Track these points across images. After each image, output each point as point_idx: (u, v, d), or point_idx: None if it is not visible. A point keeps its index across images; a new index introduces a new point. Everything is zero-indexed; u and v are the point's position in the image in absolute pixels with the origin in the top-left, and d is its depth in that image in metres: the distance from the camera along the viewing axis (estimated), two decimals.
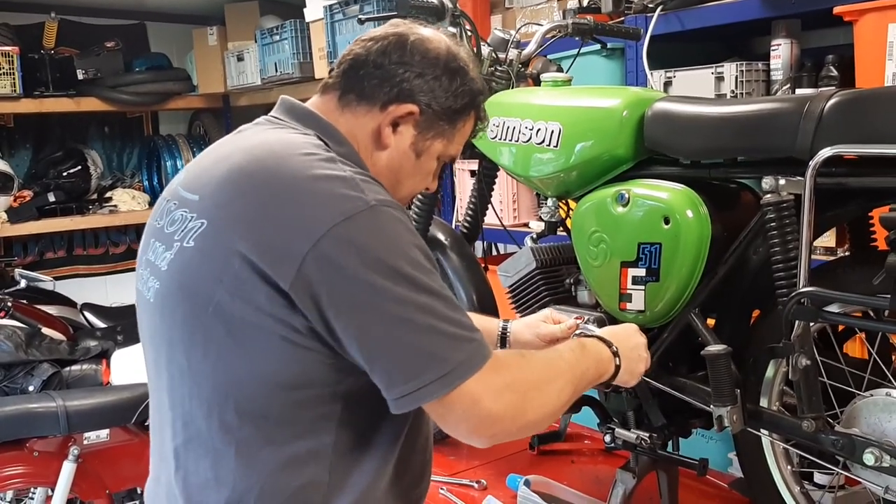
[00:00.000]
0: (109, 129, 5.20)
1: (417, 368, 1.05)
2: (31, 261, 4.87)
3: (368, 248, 1.05)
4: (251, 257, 1.05)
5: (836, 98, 1.33)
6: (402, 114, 1.21)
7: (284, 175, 1.09)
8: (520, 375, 1.16)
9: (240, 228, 1.07)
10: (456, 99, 1.24)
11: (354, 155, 1.21)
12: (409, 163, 1.25)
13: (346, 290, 1.04)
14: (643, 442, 1.66)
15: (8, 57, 4.26)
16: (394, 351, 1.06)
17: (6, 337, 3.07)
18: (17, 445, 2.62)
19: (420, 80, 1.21)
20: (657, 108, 1.58)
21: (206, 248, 1.10)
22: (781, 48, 2.24)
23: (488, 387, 1.09)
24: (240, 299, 1.06)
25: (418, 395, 1.06)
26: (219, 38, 4.72)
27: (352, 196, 1.07)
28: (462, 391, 1.07)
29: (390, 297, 1.05)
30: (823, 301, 1.35)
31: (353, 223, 1.05)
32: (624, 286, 1.60)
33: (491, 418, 1.10)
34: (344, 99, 1.23)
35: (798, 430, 1.42)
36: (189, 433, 1.15)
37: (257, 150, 1.14)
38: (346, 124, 1.23)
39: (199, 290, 1.10)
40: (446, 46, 1.25)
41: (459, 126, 1.28)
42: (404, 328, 1.05)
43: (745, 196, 1.62)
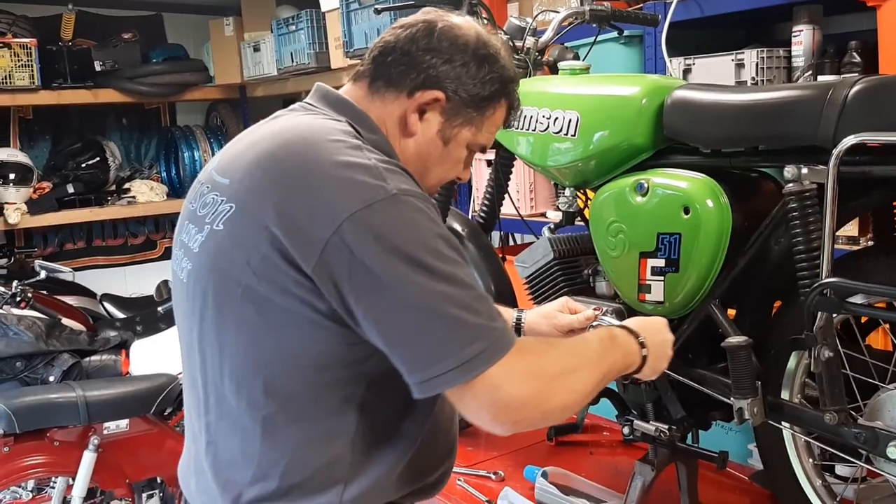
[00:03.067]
0: (127, 121, 5.22)
1: (437, 355, 1.06)
2: (50, 252, 4.91)
3: (387, 235, 1.06)
4: (277, 240, 1.08)
5: (860, 85, 1.30)
6: (428, 100, 1.22)
7: (310, 160, 1.11)
8: (544, 362, 1.15)
9: (267, 212, 1.09)
10: (484, 86, 1.24)
11: (384, 142, 1.22)
12: (437, 150, 1.26)
13: (364, 276, 1.06)
14: (662, 434, 1.64)
15: (26, 49, 4.29)
16: (413, 337, 1.07)
17: (27, 327, 3.09)
18: (37, 435, 2.65)
19: (447, 67, 1.21)
20: (676, 96, 1.56)
21: (236, 231, 1.13)
22: (803, 34, 2.21)
23: (511, 373, 1.09)
24: (267, 281, 1.09)
25: (439, 382, 1.07)
26: (235, 29, 4.72)
27: (373, 184, 1.08)
28: (484, 379, 1.07)
29: (409, 284, 1.05)
30: (846, 292, 1.33)
31: (373, 211, 1.06)
32: (643, 277, 1.58)
33: (513, 405, 1.10)
34: (374, 86, 1.24)
35: (820, 423, 1.40)
36: (220, 410, 1.19)
37: (287, 134, 1.16)
38: (376, 111, 1.24)
39: (228, 272, 1.13)
40: (476, 33, 1.25)
41: (489, 114, 1.27)
42: (423, 315, 1.06)
43: (767, 185, 1.60)
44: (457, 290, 1.08)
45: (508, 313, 1.60)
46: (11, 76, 4.27)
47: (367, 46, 3.92)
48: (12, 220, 4.27)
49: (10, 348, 3.04)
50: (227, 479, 1.19)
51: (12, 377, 3.05)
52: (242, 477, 1.17)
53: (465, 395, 1.08)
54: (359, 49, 3.64)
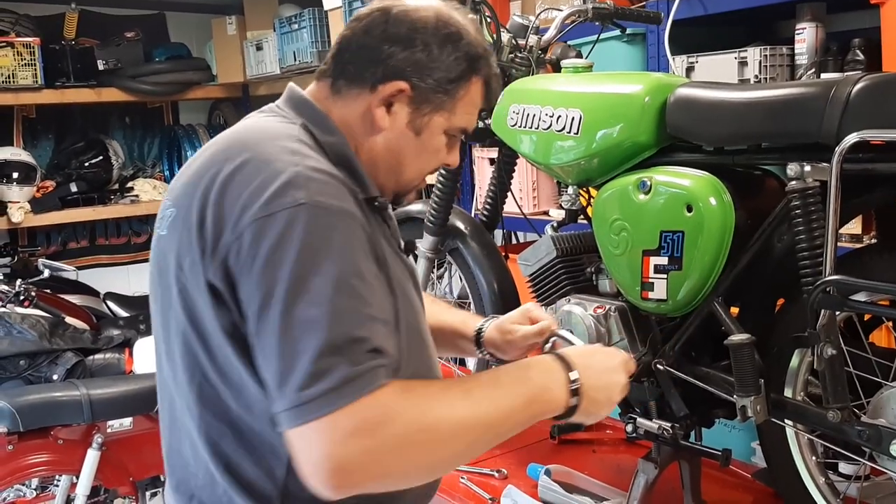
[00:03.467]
0: (130, 120, 5.23)
1: (282, 387, 0.98)
2: (54, 251, 4.92)
3: (280, 246, 1.00)
4: (198, 244, 1.06)
5: (863, 82, 1.30)
6: (392, 92, 1.16)
7: (239, 162, 1.07)
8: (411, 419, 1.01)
9: (196, 213, 1.07)
10: (451, 68, 1.17)
11: (342, 145, 1.16)
12: (410, 143, 1.20)
13: (250, 283, 1.01)
14: (665, 432, 1.64)
15: (29, 48, 4.30)
16: (267, 361, 1.01)
17: (30, 326, 3.10)
18: (41, 433, 2.66)
19: (407, 54, 1.15)
20: (679, 94, 1.56)
21: (173, 234, 1.11)
22: (806, 32, 2.20)
23: (347, 427, 0.96)
24: (195, 289, 1.07)
25: (278, 419, 0.99)
26: (238, 28, 4.73)
27: (288, 191, 1.02)
28: (314, 427, 0.96)
29: (276, 302, 0.99)
30: (849, 289, 1.33)
31: (276, 220, 1.01)
32: (646, 275, 1.58)
33: (342, 467, 0.97)
34: (335, 85, 1.20)
35: (823, 421, 1.40)
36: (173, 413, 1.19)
37: (230, 137, 1.14)
38: (339, 111, 1.19)
39: (167, 276, 1.12)
40: (435, 12, 1.18)
41: (461, 94, 1.20)
42: (281, 342, 0.99)
43: (770, 183, 1.60)
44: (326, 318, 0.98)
45: (470, 327, 1.51)
46: (15, 75, 4.28)
47: None
48: (16, 218, 4.28)
49: (14, 347, 3.05)
50: (179, 482, 1.17)
51: (16, 375, 3.06)
52: (195, 478, 1.15)
53: (298, 439, 0.98)
54: None
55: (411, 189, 1.29)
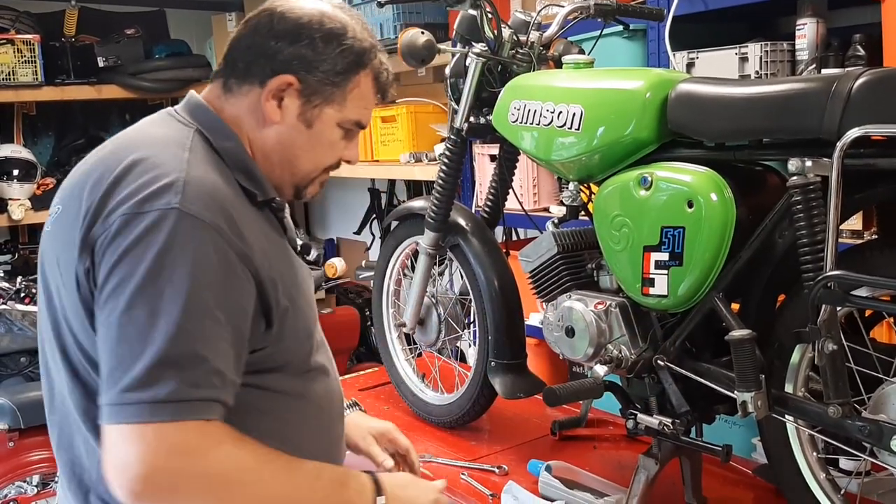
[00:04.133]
0: (131, 116, 5.22)
1: (110, 379, 1.02)
2: None
3: (145, 247, 1.04)
4: (76, 241, 1.09)
5: (865, 77, 1.30)
6: (281, 85, 1.21)
7: (128, 164, 1.11)
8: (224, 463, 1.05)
9: (76, 213, 1.11)
10: (336, 61, 1.23)
11: (238, 150, 1.21)
12: (302, 135, 1.25)
13: (110, 282, 1.05)
14: (666, 428, 1.64)
15: (29, 45, 4.29)
16: (106, 355, 1.04)
17: (31, 323, 3.11)
18: (42, 430, 2.65)
19: (292, 49, 1.21)
20: (681, 90, 1.56)
21: (56, 230, 1.16)
22: (807, 27, 2.20)
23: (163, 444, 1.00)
24: (67, 283, 1.11)
25: (104, 413, 1.03)
26: (238, 24, 4.71)
27: (163, 194, 1.07)
28: (127, 431, 1.00)
29: (128, 295, 1.03)
30: (850, 285, 1.33)
31: (143, 219, 1.05)
32: (647, 271, 1.58)
33: (141, 478, 1.00)
34: (227, 84, 1.25)
35: (824, 417, 1.40)
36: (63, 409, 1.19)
37: (123, 140, 1.18)
38: (231, 108, 1.24)
39: (48, 271, 1.18)
40: (319, 11, 1.24)
41: (350, 87, 1.25)
42: (123, 330, 1.03)
43: (771, 178, 1.60)
44: (170, 328, 1.02)
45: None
46: (15, 72, 4.28)
47: None
48: (16, 216, 4.28)
49: (14, 344, 3.06)
50: (74, 476, 1.18)
51: (17, 372, 3.06)
52: (90, 475, 1.15)
53: (114, 436, 1.02)
54: None
55: (310, 182, 1.31)
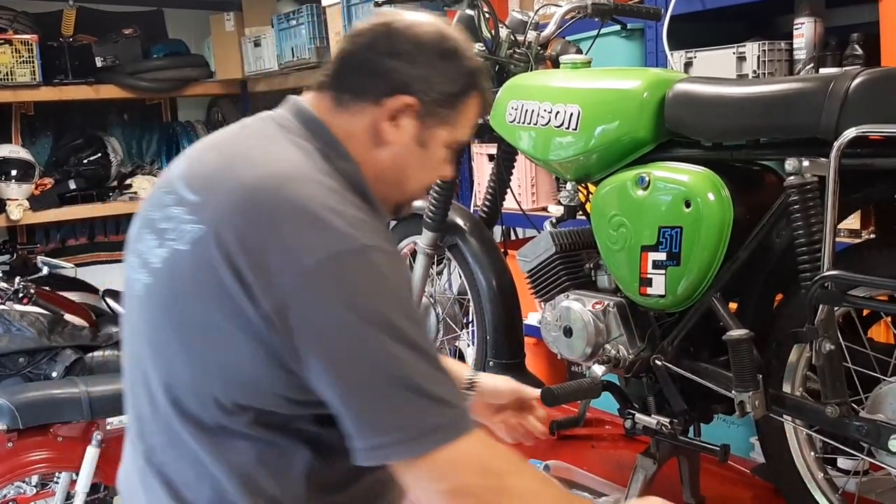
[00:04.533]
0: (129, 116, 5.22)
1: (387, 424, 1.03)
2: (52, 248, 4.91)
3: (354, 289, 1.03)
4: (241, 274, 1.04)
5: (862, 77, 1.30)
6: (399, 106, 1.17)
7: (287, 198, 1.06)
8: (511, 468, 1.10)
9: (238, 244, 1.05)
10: (454, 82, 1.20)
11: (356, 172, 1.18)
12: (415, 156, 1.22)
13: (321, 328, 1.03)
14: (664, 427, 1.64)
15: (27, 45, 4.29)
16: (365, 401, 1.03)
17: (29, 323, 3.10)
18: (41, 431, 2.65)
19: (412, 69, 1.17)
20: (678, 89, 1.56)
21: (201, 255, 1.07)
22: (805, 27, 2.20)
23: (470, 458, 1.05)
24: (222, 315, 1.06)
25: (383, 453, 1.04)
26: (236, 24, 4.72)
27: (345, 233, 1.05)
28: (436, 457, 1.03)
29: (370, 343, 1.02)
30: (848, 285, 1.33)
31: (340, 262, 1.03)
32: (644, 270, 1.58)
33: (465, 492, 1.05)
34: (339, 99, 1.20)
35: (822, 416, 1.40)
36: (169, 433, 1.14)
37: (265, 167, 1.11)
38: (344, 125, 1.19)
39: (187, 295, 1.09)
40: (436, 29, 1.20)
41: (462, 109, 1.23)
42: (380, 379, 1.03)
43: (768, 178, 1.60)
44: (419, 357, 1.04)
45: (460, 372, 1.53)
46: (13, 72, 4.27)
47: None
48: (14, 216, 4.27)
49: (13, 344, 3.05)
50: (179, 496, 1.15)
51: (15, 373, 3.05)
52: (198, 497, 1.14)
53: (409, 472, 1.05)
54: None
55: (411, 201, 1.31)
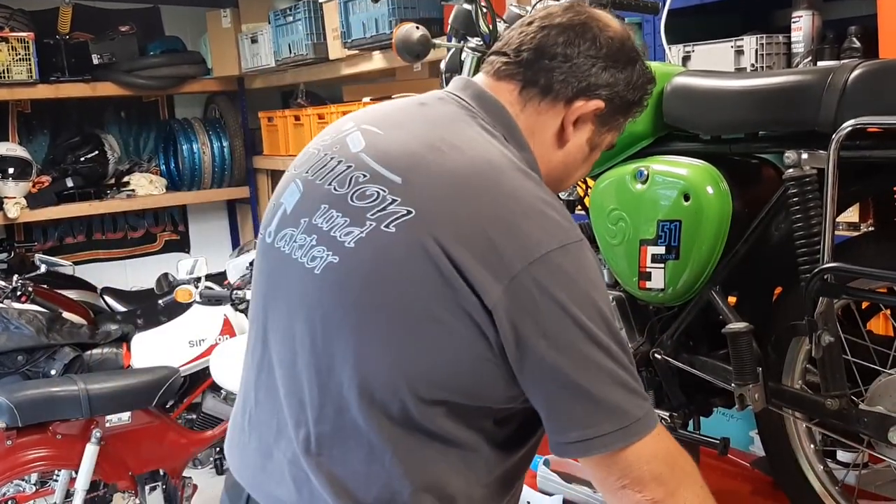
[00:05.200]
0: (126, 114, 5.22)
1: (600, 416, 1.03)
2: (50, 246, 4.91)
3: (579, 281, 1.02)
4: (461, 264, 1.00)
5: (860, 69, 1.30)
6: (588, 111, 1.17)
7: (505, 190, 1.05)
8: (686, 458, 1.13)
9: (455, 231, 1.01)
10: (635, 90, 1.20)
11: (533, 161, 1.16)
12: (583, 156, 1.23)
13: (550, 319, 1.01)
14: (663, 421, 1.64)
15: (23, 43, 4.28)
16: (580, 394, 1.03)
17: (28, 321, 3.10)
18: (40, 428, 2.66)
19: (606, 74, 1.16)
20: (676, 83, 1.56)
21: (411, 239, 1.02)
22: (802, 20, 2.20)
23: (659, 449, 1.08)
24: (436, 302, 1.01)
25: (594, 444, 1.04)
26: (232, 21, 4.71)
27: (566, 226, 1.05)
28: (637, 448, 1.05)
29: (590, 337, 1.02)
30: (847, 277, 1.33)
31: (568, 253, 1.02)
32: (643, 264, 1.58)
33: (654, 481, 1.07)
34: (526, 92, 1.17)
35: (821, 409, 1.40)
36: (341, 422, 1.08)
37: (470, 153, 1.08)
38: (527, 120, 1.17)
39: (392, 281, 1.03)
40: (625, 35, 1.19)
41: (630, 117, 1.24)
42: (596, 373, 1.03)
43: (767, 171, 1.59)
44: (623, 351, 1.06)
45: None
46: (9, 70, 4.27)
47: (365, 37, 3.90)
48: (12, 214, 4.27)
49: (11, 342, 3.05)
50: (343, 491, 1.09)
51: (14, 371, 3.05)
52: (365, 493, 1.08)
53: (611, 462, 1.06)
54: (356, 39, 3.63)
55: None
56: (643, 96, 1.23)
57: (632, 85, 1.19)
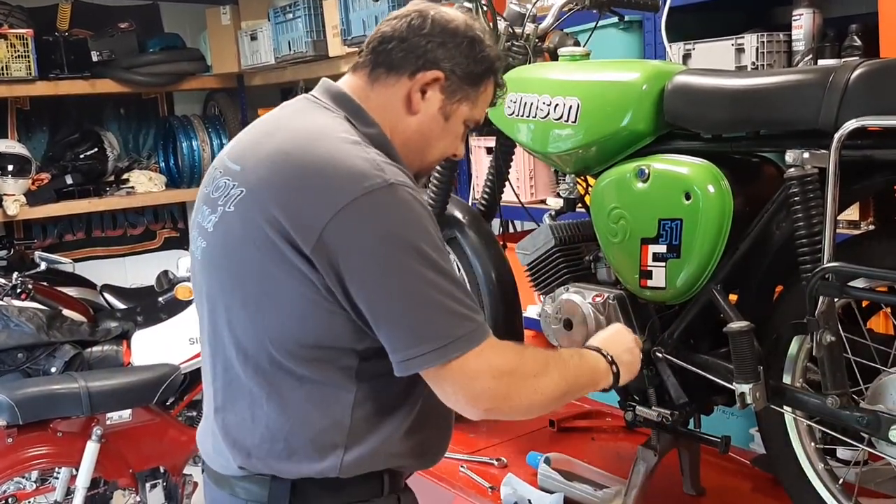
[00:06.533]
0: (125, 111, 5.21)
1: (419, 337, 1.17)
2: (50, 243, 4.90)
3: (385, 221, 1.17)
4: (281, 224, 1.17)
5: (862, 68, 1.30)
6: (429, 80, 1.33)
7: (316, 153, 1.21)
8: (518, 361, 1.27)
9: (274, 198, 1.20)
10: (476, 64, 1.35)
11: (380, 136, 1.32)
12: (439, 126, 1.37)
13: (361, 258, 1.16)
14: (664, 419, 1.65)
15: (22, 39, 4.27)
16: (399, 319, 1.18)
17: (28, 319, 3.10)
18: (40, 426, 2.66)
19: (443, 50, 1.33)
20: (677, 81, 1.56)
21: (245, 213, 1.23)
22: (803, 18, 2.20)
23: (484, 365, 1.21)
24: (271, 261, 1.19)
25: (417, 362, 1.18)
26: (232, 18, 4.70)
27: (373, 174, 1.18)
28: (459, 364, 1.18)
29: (401, 268, 1.17)
30: (848, 276, 1.33)
31: (373, 197, 1.16)
32: (644, 263, 1.58)
33: (484, 395, 1.22)
34: (374, 73, 1.35)
35: (822, 407, 1.40)
36: (228, 377, 1.30)
37: (296, 131, 1.27)
38: (377, 98, 1.34)
39: (237, 252, 1.24)
40: (463, 20, 1.37)
41: (481, 90, 1.39)
42: (411, 299, 1.17)
43: (768, 170, 1.60)
44: (443, 278, 1.19)
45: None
46: (8, 67, 4.25)
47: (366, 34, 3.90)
48: (11, 211, 4.26)
49: (11, 340, 3.04)
50: (235, 440, 1.29)
51: (14, 369, 3.05)
52: (251, 439, 1.27)
53: (440, 377, 1.20)
54: (357, 37, 3.62)
55: (428, 171, 1.47)
56: (488, 71, 1.38)
57: (472, 59, 1.34)
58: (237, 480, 1.30)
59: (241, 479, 1.30)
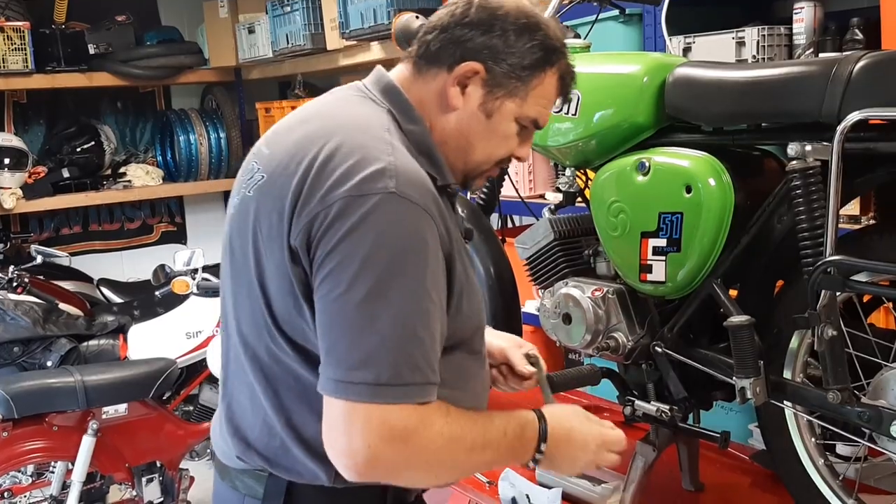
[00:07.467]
0: (122, 104, 5.19)
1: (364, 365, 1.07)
2: (46, 237, 4.89)
3: (368, 227, 1.08)
4: (283, 214, 1.13)
5: (865, 60, 1.29)
6: (467, 73, 1.22)
7: (334, 148, 1.14)
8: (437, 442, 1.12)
9: (286, 187, 1.14)
10: (525, 55, 1.23)
11: (422, 134, 1.23)
12: (480, 124, 1.25)
13: (331, 260, 1.09)
14: (663, 414, 1.64)
15: (19, 32, 4.25)
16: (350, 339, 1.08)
17: (24, 312, 3.09)
18: (36, 420, 2.65)
19: (484, 38, 1.21)
20: (678, 74, 1.55)
21: (259, 198, 1.19)
22: (804, 11, 2.19)
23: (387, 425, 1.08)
24: (268, 250, 1.16)
25: (349, 390, 1.08)
26: (230, 11, 4.68)
27: (378, 178, 1.10)
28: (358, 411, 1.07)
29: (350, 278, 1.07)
30: (850, 270, 1.32)
31: (366, 200, 1.08)
32: (644, 257, 1.57)
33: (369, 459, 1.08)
34: (417, 65, 1.26)
35: (823, 402, 1.39)
36: (235, 364, 1.27)
37: (329, 122, 1.20)
38: (418, 92, 1.26)
39: (245, 236, 1.20)
40: (515, 5, 1.24)
41: (534, 84, 1.25)
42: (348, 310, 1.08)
43: (770, 163, 1.58)
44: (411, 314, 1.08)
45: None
46: (5, 60, 4.24)
47: (364, 27, 3.90)
48: (7, 204, 4.25)
49: (7, 333, 3.04)
50: (237, 428, 1.26)
51: (10, 362, 3.05)
52: (251, 430, 1.24)
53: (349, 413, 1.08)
54: (355, 30, 3.61)
55: (480, 174, 1.33)
56: (541, 62, 1.24)
57: (518, 49, 1.22)
58: (237, 473, 1.27)
59: (241, 473, 1.27)
